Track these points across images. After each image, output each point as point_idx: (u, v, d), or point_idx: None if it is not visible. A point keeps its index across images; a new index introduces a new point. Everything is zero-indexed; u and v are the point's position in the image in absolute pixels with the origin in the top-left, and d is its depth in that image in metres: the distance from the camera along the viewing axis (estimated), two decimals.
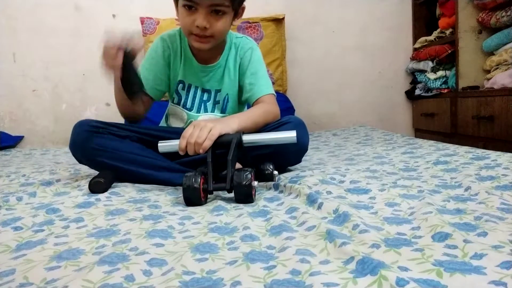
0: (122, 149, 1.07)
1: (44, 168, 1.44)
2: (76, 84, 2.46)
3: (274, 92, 1.19)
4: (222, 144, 0.92)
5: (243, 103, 1.26)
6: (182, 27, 1.12)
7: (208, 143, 0.90)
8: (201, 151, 0.90)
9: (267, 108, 1.13)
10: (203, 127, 0.91)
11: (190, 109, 1.23)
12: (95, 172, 1.10)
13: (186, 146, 0.91)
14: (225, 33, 1.13)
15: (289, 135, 0.96)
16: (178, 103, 1.24)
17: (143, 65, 1.20)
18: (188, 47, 1.20)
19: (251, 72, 1.18)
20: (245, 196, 0.84)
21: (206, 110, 1.22)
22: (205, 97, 1.22)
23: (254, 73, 1.18)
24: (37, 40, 2.43)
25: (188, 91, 1.22)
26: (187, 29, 1.10)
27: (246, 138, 0.95)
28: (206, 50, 1.13)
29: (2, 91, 2.43)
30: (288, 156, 1.11)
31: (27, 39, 2.43)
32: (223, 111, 1.23)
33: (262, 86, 1.17)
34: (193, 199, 0.84)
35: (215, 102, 1.22)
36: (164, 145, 0.97)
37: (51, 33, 2.43)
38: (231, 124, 0.97)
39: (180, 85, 1.22)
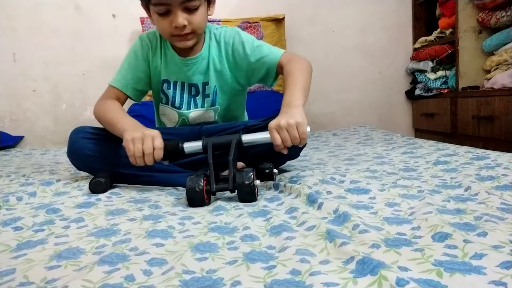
0: (120, 155, 1.05)
1: (44, 168, 1.44)
2: (76, 84, 2.46)
3: (282, 49, 1.16)
4: (221, 145, 0.92)
5: (258, 82, 1.21)
6: (160, 32, 1.12)
7: (304, 140, 0.90)
8: (300, 144, 0.91)
9: (299, 68, 1.07)
10: (292, 125, 0.89)
11: (180, 107, 1.20)
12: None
13: (282, 140, 0.90)
14: (204, 25, 1.12)
15: None
16: (167, 103, 1.21)
17: (122, 65, 1.18)
18: (169, 43, 1.18)
19: (252, 50, 1.14)
20: (248, 195, 0.84)
21: (196, 106, 1.20)
22: (193, 91, 1.19)
23: (256, 47, 1.14)
24: (37, 40, 2.43)
25: (174, 89, 1.19)
26: (166, 33, 1.09)
27: (246, 138, 0.94)
28: (191, 46, 1.13)
29: (2, 91, 2.43)
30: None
31: (27, 39, 2.42)
32: (213, 103, 1.20)
33: (272, 53, 1.13)
34: (196, 201, 0.84)
35: (204, 96, 1.19)
36: (188, 146, 0.96)
37: (51, 33, 2.43)
38: (299, 112, 0.93)
39: (165, 85, 1.19)
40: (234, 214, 0.77)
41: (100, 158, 1.05)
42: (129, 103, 2.33)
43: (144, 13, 2.61)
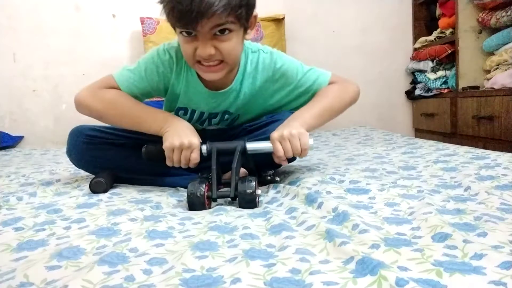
0: (120, 159, 1.05)
1: (44, 168, 1.44)
2: (76, 84, 2.43)
3: (329, 72, 1.08)
4: (226, 151, 0.92)
5: (293, 109, 1.10)
6: (184, 56, 0.95)
7: (305, 151, 0.91)
8: (300, 156, 0.92)
9: (332, 92, 1.03)
10: (295, 136, 0.89)
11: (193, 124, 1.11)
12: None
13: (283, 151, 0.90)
14: (237, 54, 0.95)
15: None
16: None
17: (139, 67, 1.02)
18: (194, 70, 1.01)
19: (296, 80, 1.04)
20: (249, 204, 0.83)
21: (209, 125, 1.12)
22: (211, 115, 1.08)
23: (300, 79, 1.04)
24: (37, 40, 2.43)
25: (191, 115, 1.08)
26: (190, 59, 0.93)
27: (250, 146, 0.93)
28: (220, 78, 0.96)
29: (2, 91, 2.43)
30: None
31: (27, 39, 2.42)
32: (229, 124, 1.12)
33: (319, 78, 1.06)
34: (197, 206, 0.83)
35: (222, 121, 1.10)
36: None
37: (51, 33, 2.43)
38: (301, 124, 0.93)
39: (181, 111, 1.08)
40: (234, 215, 0.77)
41: (100, 163, 1.04)
42: None
43: (144, 13, 2.60)
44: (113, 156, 1.05)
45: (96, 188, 0.97)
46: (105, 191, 0.97)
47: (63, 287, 0.46)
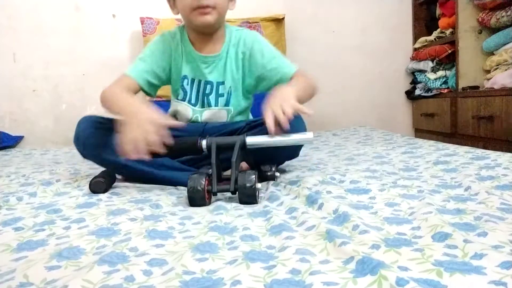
0: None
1: (44, 168, 1.43)
2: (76, 84, 2.46)
3: (295, 66, 1.19)
4: (225, 146, 0.92)
5: (265, 90, 1.19)
6: (182, 7, 1.12)
7: (292, 110, 0.91)
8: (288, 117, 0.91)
9: (303, 80, 1.12)
10: (283, 102, 0.92)
11: (195, 105, 1.21)
12: (95, 172, 1.10)
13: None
14: (225, 6, 1.14)
15: (301, 137, 0.94)
16: (183, 99, 1.22)
17: (141, 58, 1.18)
18: (188, 40, 1.20)
19: (270, 59, 1.18)
20: (249, 198, 0.84)
21: (209, 105, 1.21)
22: (208, 89, 1.20)
23: (273, 57, 1.18)
24: (37, 40, 2.43)
25: (191, 85, 1.21)
26: (188, 6, 1.09)
27: (250, 140, 0.94)
28: (211, 24, 1.12)
29: (2, 91, 2.43)
30: (285, 150, 1.06)
31: (27, 39, 2.42)
32: (226, 103, 1.21)
33: (287, 67, 1.17)
34: (197, 200, 0.84)
35: (218, 95, 1.20)
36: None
37: (51, 33, 2.43)
38: (291, 95, 0.96)
39: (185, 80, 1.21)
40: (234, 214, 0.77)
41: (104, 148, 1.04)
42: None
43: (144, 13, 2.60)
44: None
45: (95, 188, 0.97)
46: (104, 191, 0.97)
47: (63, 287, 0.46)
